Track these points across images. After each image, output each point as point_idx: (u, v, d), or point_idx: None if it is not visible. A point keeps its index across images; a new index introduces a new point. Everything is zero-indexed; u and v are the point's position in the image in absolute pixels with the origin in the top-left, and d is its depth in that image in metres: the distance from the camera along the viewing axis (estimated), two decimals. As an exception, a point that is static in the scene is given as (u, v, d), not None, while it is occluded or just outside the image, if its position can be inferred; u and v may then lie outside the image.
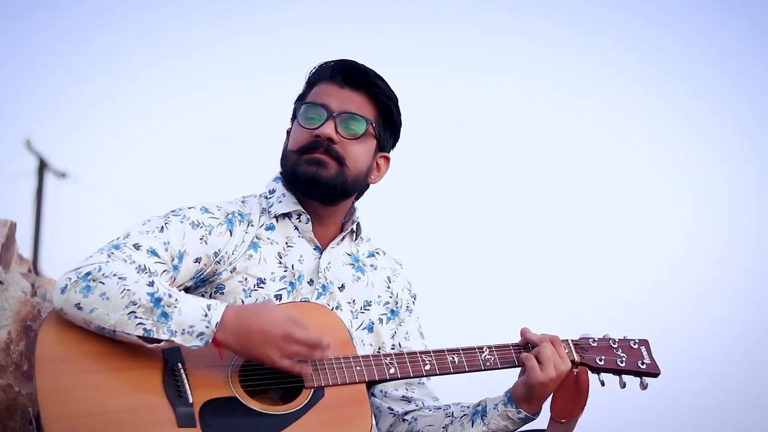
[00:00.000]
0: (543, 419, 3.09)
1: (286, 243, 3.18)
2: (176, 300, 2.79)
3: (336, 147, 3.15)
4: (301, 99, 3.26)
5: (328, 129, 3.15)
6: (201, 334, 2.77)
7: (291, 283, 3.13)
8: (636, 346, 3.17)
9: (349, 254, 3.28)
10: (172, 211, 3.07)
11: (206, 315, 2.78)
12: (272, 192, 3.25)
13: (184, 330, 2.76)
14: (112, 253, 2.88)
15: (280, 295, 3.11)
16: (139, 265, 2.89)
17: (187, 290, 3.08)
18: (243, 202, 3.22)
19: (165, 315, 2.76)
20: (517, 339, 3.11)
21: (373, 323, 3.26)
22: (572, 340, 3.14)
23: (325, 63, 3.25)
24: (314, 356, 2.83)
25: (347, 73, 3.21)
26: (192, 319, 2.77)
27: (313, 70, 3.27)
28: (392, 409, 3.25)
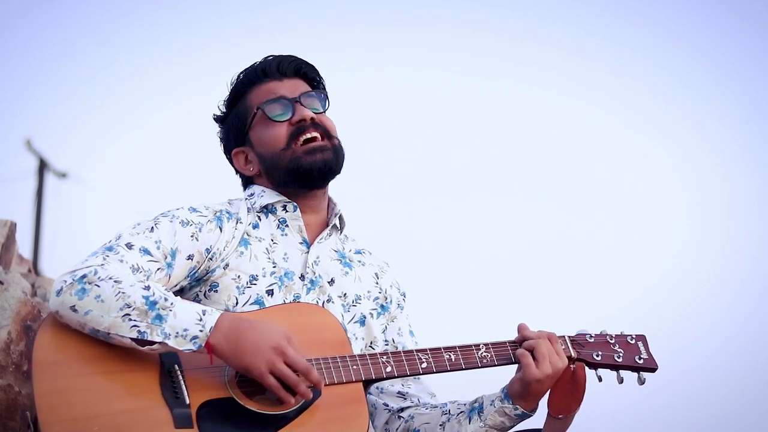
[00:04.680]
0: (540, 417, 3.09)
1: (272, 240, 3.19)
2: (172, 303, 2.79)
3: (319, 123, 3.21)
4: (238, 110, 3.27)
5: (305, 111, 3.20)
6: (194, 337, 2.77)
7: (280, 278, 3.14)
8: (633, 342, 3.17)
9: (335, 250, 3.29)
10: (161, 213, 3.08)
11: (201, 319, 2.79)
12: (251, 195, 3.26)
13: (177, 333, 2.77)
14: (107, 256, 2.89)
15: (272, 290, 3.11)
16: (133, 265, 2.90)
17: (182, 290, 3.11)
18: (229, 203, 3.23)
19: (159, 317, 2.77)
20: (514, 336, 3.11)
21: (364, 317, 3.25)
22: (569, 336, 3.13)
23: (248, 69, 3.29)
24: (299, 388, 2.79)
25: (279, 66, 3.26)
26: (186, 323, 2.78)
27: (237, 80, 3.30)
28: (387, 405, 3.24)
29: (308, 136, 3.18)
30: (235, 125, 3.29)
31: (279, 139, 3.19)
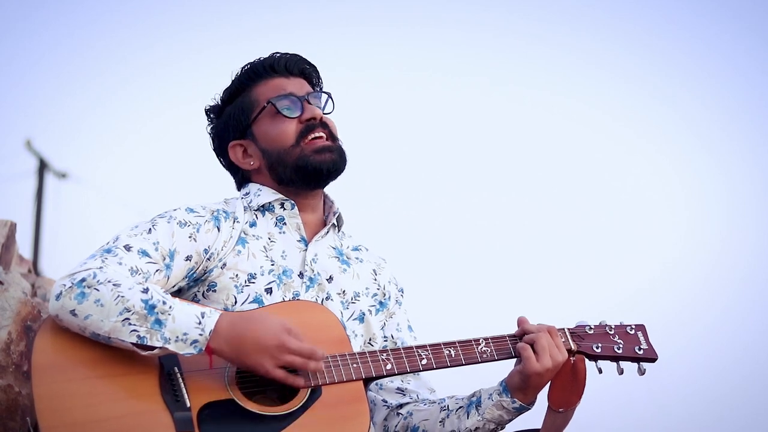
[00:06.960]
0: (538, 414, 3.09)
1: (269, 239, 3.18)
2: (170, 307, 2.79)
3: (326, 123, 3.21)
4: (242, 102, 3.25)
5: (315, 110, 3.20)
6: (194, 341, 2.77)
7: (279, 276, 3.13)
8: (633, 332, 3.16)
9: (333, 247, 3.28)
10: (158, 215, 3.08)
11: (200, 323, 2.78)
12: (247, 193, 3.25)
13: (177, 337, 2.77)
14: (106, 258, 2.89)
15: (270, 288, 3.10)
16: (132, 267, 2.90)
17: (180, 291, 3.10)
18: (225, 202, 3.22)
19: (159, 322, 2.77)
20: (514, 330, 3.11)
21: (363, 314, 3.25)
22: (569, 329, 3.13)
23: (254, 63, 3.27)
24: (308, 367, 2.82)
25: (287, 64, 3.25)
26: (186, 327, 2.77)
27: (241, 73, 3.27)
28: (386, 402, 3.24)
29: (316, 135, 3.18)
30: (237, 117, 3.26)
31: (288, 136, 3.18)
